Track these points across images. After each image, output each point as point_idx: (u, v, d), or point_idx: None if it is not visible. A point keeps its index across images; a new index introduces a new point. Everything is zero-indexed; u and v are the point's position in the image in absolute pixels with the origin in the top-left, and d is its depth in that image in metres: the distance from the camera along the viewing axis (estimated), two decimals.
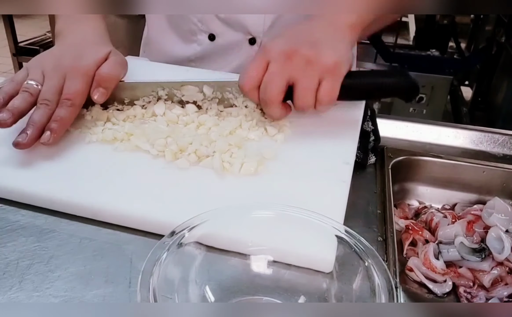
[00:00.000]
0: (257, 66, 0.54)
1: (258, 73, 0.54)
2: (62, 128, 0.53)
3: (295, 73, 0.53)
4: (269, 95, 0.54)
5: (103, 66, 0.57)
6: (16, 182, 0.48)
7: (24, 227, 0.45)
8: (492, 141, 0.69)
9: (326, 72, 0.52)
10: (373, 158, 0.61)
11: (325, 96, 0.53)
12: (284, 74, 0.53)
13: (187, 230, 0.37)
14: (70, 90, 0.54)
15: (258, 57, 0.55)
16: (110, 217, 0.46)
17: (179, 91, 0.60)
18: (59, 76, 0.55)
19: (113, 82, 0.58)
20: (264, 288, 0.39)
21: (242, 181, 0.49)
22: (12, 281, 0.39)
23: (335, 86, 0.53)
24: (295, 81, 0.53)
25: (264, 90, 0.54)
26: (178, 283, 0.36)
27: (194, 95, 0.60)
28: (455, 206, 0.63)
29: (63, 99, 0.54)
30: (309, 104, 0.53)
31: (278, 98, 0.54)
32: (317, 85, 0.52)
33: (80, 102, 0.55)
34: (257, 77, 0.54)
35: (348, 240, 0.37)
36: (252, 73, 0.54)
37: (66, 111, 0.53)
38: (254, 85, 0.55)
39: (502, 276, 0.51)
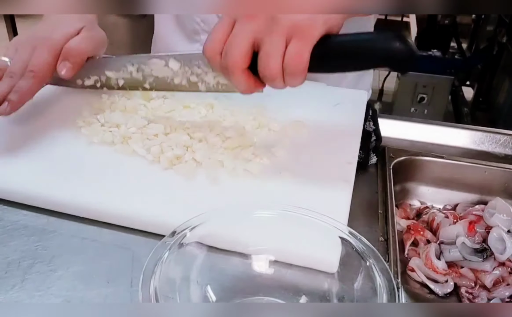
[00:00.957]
0: (221, 28, 0.46)
1: (222, 35, 0.46)
2: (21, 99, 0.52)
3: (260, 33, 0.44)
4: (230, 59, 0.45)
5: (72, 40, 0.56)
6: (18, 183, 0.48)
7: (25, 227, 0.45)
8: (493, 141, 0.69)
9: (294, 32, 0.43)
10: (374, 158, 0.61)
11: (290, 62, 0.43)
12: (247, 33, 0.44)
13: (189, 229, 0.37)
14: (34, 63, 0.54)
15: (224, 18, 0.47)
16: (111, 218, 0.46)
17: (147, 67, 0.57)
18: (29, 50, 0.55)
19: (80, 57, 0.56)
20: (266, 288, 0.39)
21: (244, 181, 0.49)
22: (13, 280, 0.39)
23: (304, 48, 0.43)
24: (259, 43, 0.44)
25: (225, 53, 0.45)
26: (180, 283, 0.36)
27: (161, 70, 0.55)
28: (457, 206, 0.63)
29: (27, 72, 0.53)
30: (274, 71, 0.44)
31: (240, 63, 0.45)
32: (283, 47, 0.43)
33: (44, 75, 0.54)
34: (220, 40, 0.46)
35: (349, 240, 0.37)
36: (215, 35, 0.46)
37: (27, 82, 0.53)
38: (217, 49, 0.46)
39: (504, 277, 0.51)
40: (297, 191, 0.48)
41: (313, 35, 0.43)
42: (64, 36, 0.56)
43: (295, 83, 0.45)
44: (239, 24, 0.45)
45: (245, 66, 0.45)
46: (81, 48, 0.56)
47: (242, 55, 0.45)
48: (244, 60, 0.45)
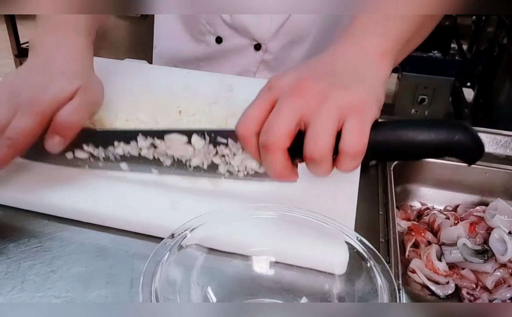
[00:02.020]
0: (259, 105, 0.41)
1: (260, 114, 0.40)
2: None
3: (308, 111, 0.38)
4: (271, 137, 0.39)
5: (65, 109, 0.46)
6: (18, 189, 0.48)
7: (26, 228, 0.45)
8: (494, 142, 0.69)
9: (350, 110, 0.38)
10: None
11: (351, 142, 0.38)
12: (292, 112, 0.39)
13: (189, 231, 0.37)
14: (14, 129, 0.44)
15: (262, 94, 0.42)
16: (111, 222, 0.45)
17: (163, 143, 0.47)
18: (10, 108, 0.45)
19: (73, 130, 0.47)
20: (266, 289, 0.39)
21: (247, 183, 0.49)
22: (14, 281, 0.39)
23: (364, 128, 0.38)
24: (308, 121, 0.39)
25: (266, 131, 0.39)
26: (180, 284, 0.35)
27: (181, 148, 0.47)
28: (458, 208, 0.63)
29: (4, 137, 0.44)
30: (323, 150, 0.38)
31: (282, 142, 0.39)
32: (335, 128, 0.38)
33: (24, 146, 0.45)
34: (258, 119, 0.40)
35: (350, 241, 0.37)
36: (252, 113, 0.41)
37: (1, 151, 0.44)
38: (254, 129, 0.40)
39: (505, 278, 0.51)
40: (301, 192, 0.48)
41: (371, 115, 0.39)
42: (55, 101, 0.46)
43: (349, 167, 0.40)
44: (282, 101, 0.40)
45: (287, 145, 0.40)
46: (74, 120, 0.47)
47: (285, 133, 0.39)
48: (287, 138, 0.39)
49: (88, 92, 0.49)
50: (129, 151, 0.48)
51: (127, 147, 0.48)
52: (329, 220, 0.39)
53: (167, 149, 0.47)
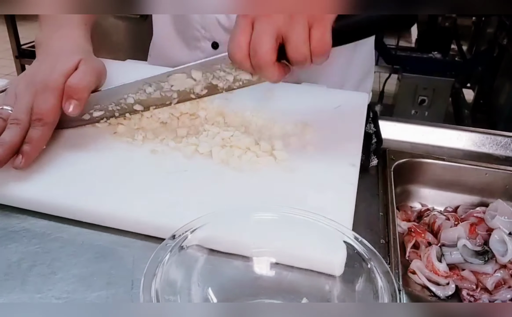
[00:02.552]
0: (242, 31, 0.49)
1: (246, 37, 0.49)
2: (35, 150, 0.50)
3: (282, 27, 0.48)
4: (260, 58, 0.48)
5: (72, 77, 0.53)
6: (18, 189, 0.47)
7: (26, 229, 0.45)
8: (494, 143, 0.69)
9: (312, 19, 0.48)
10: (375, 160, 0.61)
11: (317, 45, 0.48)
12: (271, 30, 0.48)
13: (190, 232, 0.37)
14: (40, 109, 0.51)
15: (241, 21, 0.49)
16: (111, 222, 0.45)
17: (166, 83, 0.56)
18: (30, 94, 0.52)
19: (84, 91, 0.54)
20: (267, 290, 0.39)
21: (247, 184, 0.49)
22: (14, 283, 0.39)
23: (325, 32, 0.48)
24: (284, 35, 0.48)
25: (254, 53, 0.48)
26: (181, 285, 0.35)
27: (184, 82, 0.55)
28: (458, 209, 0.63)
29: (34, 120, 0.51)
30: (305, 55, 0.48)
31: (270, 58, 0.48)
32: (308, 35, 0.48)
33: (53, 120, 0.52)
34: (245, 42, 0.49)
35: (350, 242, 0.37)
36: (239, 39, 0.49)
37: (38, 131, 0.50)
38: (245, 52, 0.49)
39: (505, 279, 0.50)
40: (301, 193, 0.48)
41: (329, 19, 0.48)
42: (63, 74, 0.53)
43: (322, 61, 0.50)
44: (259, 24, 0.48)
45: (274, 59, 0.49)
46: (83, 82, 0.54)
47: (271, 51, 0.48)
48: (273, 54, 0.48)
49: (89, 62, 0.56)
50: (139, 98, 0.57)
51: (136, 95, 0.57)
52: (330, 221, 0.39)
53: (171, 87, 0.56)
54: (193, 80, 0.55)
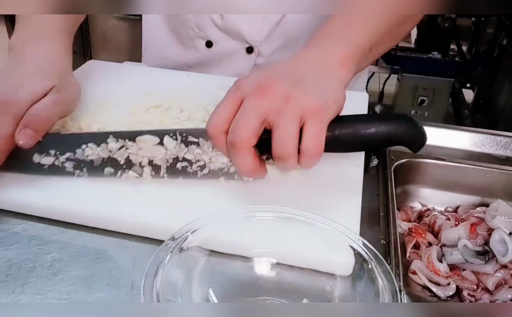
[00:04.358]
0: (227, 105, 0.44)
1: (228, 113, 0.43)
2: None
3: (272, 112, 0.42)
4: (238, 136, 0.42)
5: (37, 104, 0.48)
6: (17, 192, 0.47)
7: (26, 230, 0.45)
8: (494, 143, 0.69)
9: (308, 114, 0.42)
10: (375, 160, 0.61)
11: (310, 144, 0.42)
12: (258, 111, 0.42)
13: (190, 232, 0.37)
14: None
15: (230, 95, 0.45)
16: (111, 225, 0.45)
17: (134, 144, 0.48)
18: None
19: (44, 125, 0.48)
20: (267, 290, 0.39)
21: (249, 184, 0.49)
22: (14, 284, 0.39)
23: (321, 130, 0.42)
24: (272, 123, 0.42)
25: (232, 130, 0.43)
26: (181, 286, 0.36)
27: (152, 148, 0.48)
28: (458, 209, 0.63)
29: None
30: (290, 151, 0.42)
31: (248, 140, 0.42)
32: (298, 130, 0.42)
33: (6, 147, 0.46)
34: (226, 118, 0.43)
35: (351, 243, 0.37)
36: (221, 113, 0.44)
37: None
38: (222, 128, 0.43)
39: (506, 279, 0.50)
40: (306, 194, 0.48)
41: (327, 116, 0.43)
42: (28, 100, 0.47)
43: (311, 165, 0.44)
44: (248, 101, 0.43)
45: (253, 143, 0.43)
46: (46, 114, 0.48)
47: (251, 132, 0.42)
48: (253, 137, 0.43)
49: (62, 91, 0.50)
50: (98, 153, 0.48)
51: (97, 149, 0.48)
52: (330, 221, 0.39)
53: (138, 150, 0.48)
54: (164, 149, 0.48)
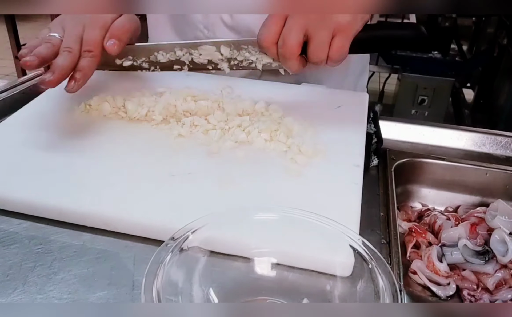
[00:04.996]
0: (275, 21, 0.56)
1: (277, 27, 0.56)
2: (85, 78, 0.56)
3: (311, 27, 0.55)
4: (287, 49, 0.55)
5: (117, 20, 0.60)
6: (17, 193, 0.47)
7: (27, 230, 0.45)
8: (494, 143, 0.69)
9: (338, 29, 0.55)
10: (375, 160, 0.61)
11: (335, 53, 0.55)
12: (301, 28, 0.55)
13: (191, 232, 0.37)
14: (89, 41, 0.56)
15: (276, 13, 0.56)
16: (111, 226, 0.45)
17: (196, 51, 0.62)
18: (79, 28, 0.57)
19: (126, 34, 0.60)
20: (268, 290, 0.39)
21: (251, 185, 0.49)
22: (15, 283, 0.39)
23: (346, 43, 0.55)
24: (310, 35, 0.55)
25: (283, 44, 0.56)
26: (182, 286, 0.36)
27: (212, 54, 0.61)
28: (458, 208, 0.63)
29: (84, 51, 0.56)
30: (322, 58, 0.56)
31: (296, 52, 0.56)
32: (330, 41, 0.55)
33: (99, 52, 0.57)
34: (275, 32, 0.56)
35: (351, 243, 0.37)
36: (271, 28, 0.56)
37: (88, 61, 0.56)
38: (273, 40, 0.56)
39: (506, 279, 0.51)
40: (307, 194, 0.48)
41: (353, 32, 0.56)
42: (110, 17, 0.59)
43: (334, 65, 0.58)
44: (292, 18, 0.55)
45: (299, 53, 0.56)
46: (126, 26, 0.60)
47: (297, 45, 0.55)
48: (299, 49, 0.56)
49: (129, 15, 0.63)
50: (169, 58, 0.63)
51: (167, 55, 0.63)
52: (331, 221, 0.39)
53: (200, 55, 0.62)
54: (220, 54, 0.61)
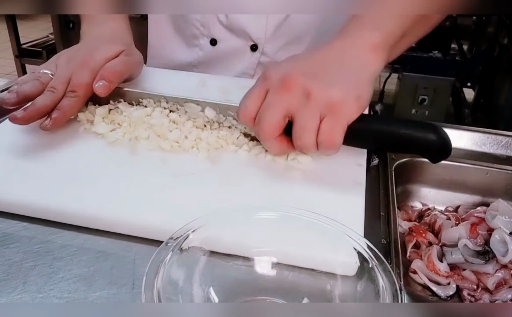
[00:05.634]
0: (254, 95, 0.49)
1: (255, 102, 0.49)
2: (63, 118, 0.54)
3: (293, 107, 0.46)
4: (262, 129, 0.48)
5: (110, 62, 0.58)
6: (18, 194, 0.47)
7: (27, 229, 0.45)
8: (495, 142, 0.69)
9: (328, 111, 0.45)
10: (376, 160, 0.61)
11: (324, 139, 0.46)
12: (280, 106, 0.46)
13: (191, 232, 0.37)
14: (75, 82, 0.55)
15: (258, 84, 0.49)
16: (111, 226, 0.45)
17: (182, 107, 0.59)
18: (70, 67, 0.56)
19: (116, 78, 0.58)
20: (268, 290, 0.39)
21: (251, 186, 0.49)
22: (15, 282, 0.39)
23: (337, 128, 0.45)
24: (293, 116, 0.47)
25: (258, 122, 0.48)
26: (182, 285, 0.36)
27: (196, 113, 0.58)
28: (459, 208, 0.63)
29: (68, 91, 0.55)
30: (308, 145, 0.46)
31: (272, 133, 0.48)
32: (317, 125, 0.46)
33: (84, 95, 0.56)
34: (253, 107, 0.49)
35: (352, 242, 0.37)
36: (249, 102, 0.49)
37: (69, 101, 0.54)
38: (250, 116, 0.49)
39: (506, 279, 0.51)
40: (309, 194, 0.48)
41: (347, 115, 0.46)
42: (103, 58, 0.58)
43: (328, 154, 0.49)
44: (271, 95, 0.47)
45: (276, 135, 0.48)
46: (118, 69, 0.58)
47: (275, 126, 0.47)
48: (276, 130, 0.48)
49: (130, 55, 0.62)
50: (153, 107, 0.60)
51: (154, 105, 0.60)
52: (331, 220, 0.39)
53: (185, 113, 0.58)
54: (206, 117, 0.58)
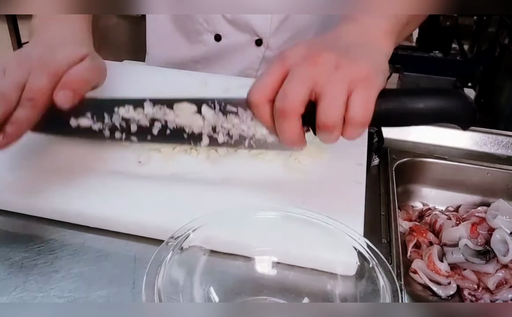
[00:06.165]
0: (272, 74, 0.42)
1: (273, 82, 0.42)
2: (19, 131, 0.45)
3: (321, 78, 0.41)
4: (288, 103, 0.40)
5: (75, 68, 0.48)
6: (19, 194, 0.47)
7: (27, 228, 0.45)
8: (496, 142, 0.69)
9: (358, 82, 0.40)
10: (376, 159, 0.61)
11: (357, 112, 0.40)
12: (306, 78, 0.41)
13: (191, 231, 0.37)
14: (33, 88, 0.45)
15: (275, 64, 0.43)
16: (113, 226, 0.45)
17: (171, 111, 0.47)
18: (23, 70, 0.46)
19: (82, 87, 0.48)
20: (268, 289, 0.39)
21: (251, 186, 0.49)
22: (16, 281, 0.39)
23: (370, 99, 0.40)
24: (320, 90, 0.40)
25: (282, 97, 0.41)
26: (183, 284, 0.36)
27: (190, 116, 0.46)
28: (459, 208, 0.63)
29: (24, 99, 0.45)
30: (336, 120, 0.40)
31: (298, 107, 0.41)
32: (346, 98, 0.40)
33: (44, 103, 0.46)
34: (271, 87, 0.42)
35: (352, 242, 0.37)
36: (266, 81, 0.42)
37: (26, 112, 0.45)
38: (267, 96, 0.42)
39: (507, 279, 0.50)
40: (310, 194, 0.48)
41: (377, 85, 0.41)
42: (66, 62, 0.48)
43: (355, 135, 0.42)
44: (296, 69, 0.41)
45: (302, 111, 0.41)
46: (84, 77, 0.49)
47: (301, 100, 0.40)
48: (302, 105, 0.41)
49: (95, 60, 0.53)
50: (134, 117, 0.47)
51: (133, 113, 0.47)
52: (331, 220, 0.39)
53: (176, 118, 0.47)
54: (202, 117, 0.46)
